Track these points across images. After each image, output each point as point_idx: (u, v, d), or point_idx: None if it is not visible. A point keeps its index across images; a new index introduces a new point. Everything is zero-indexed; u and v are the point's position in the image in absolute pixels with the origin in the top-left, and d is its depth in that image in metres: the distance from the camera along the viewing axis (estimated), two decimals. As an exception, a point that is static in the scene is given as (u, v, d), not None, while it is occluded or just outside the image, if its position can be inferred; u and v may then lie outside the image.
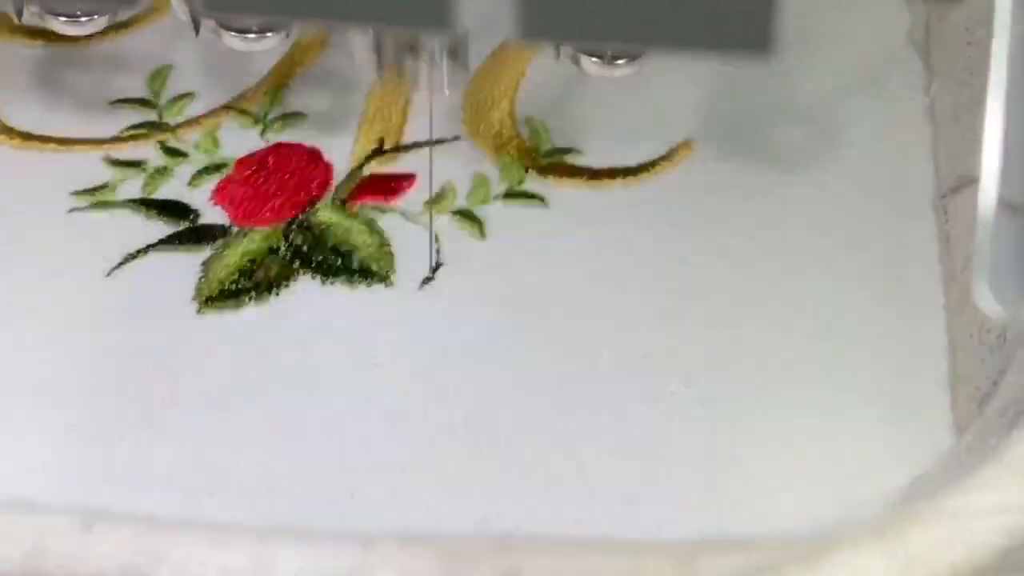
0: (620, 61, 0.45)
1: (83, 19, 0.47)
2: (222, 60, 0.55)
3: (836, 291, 0.47)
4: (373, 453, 0.43)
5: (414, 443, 0.43)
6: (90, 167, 0.51)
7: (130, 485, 0.42)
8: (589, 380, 0.45)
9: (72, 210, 0.49)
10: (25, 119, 0.53)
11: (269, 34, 0.46)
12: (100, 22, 0.47)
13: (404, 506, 0.42)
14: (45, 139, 0.52)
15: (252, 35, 0.45)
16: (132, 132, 0.52)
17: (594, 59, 0.45)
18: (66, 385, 0.44)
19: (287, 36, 0.46)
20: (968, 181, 0.46)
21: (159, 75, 0.54)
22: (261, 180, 0.50)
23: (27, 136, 0.52)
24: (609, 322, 0.46)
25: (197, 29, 0.46)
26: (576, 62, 0.45)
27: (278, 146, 0.52)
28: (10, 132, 0.52)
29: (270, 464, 0.42)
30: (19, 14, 0.48)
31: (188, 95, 0.54)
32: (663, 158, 0.51)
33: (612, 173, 0.51)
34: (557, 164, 0.51)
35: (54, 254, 0.48)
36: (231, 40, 0.46)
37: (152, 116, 0.53)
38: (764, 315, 0.46)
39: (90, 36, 0.56)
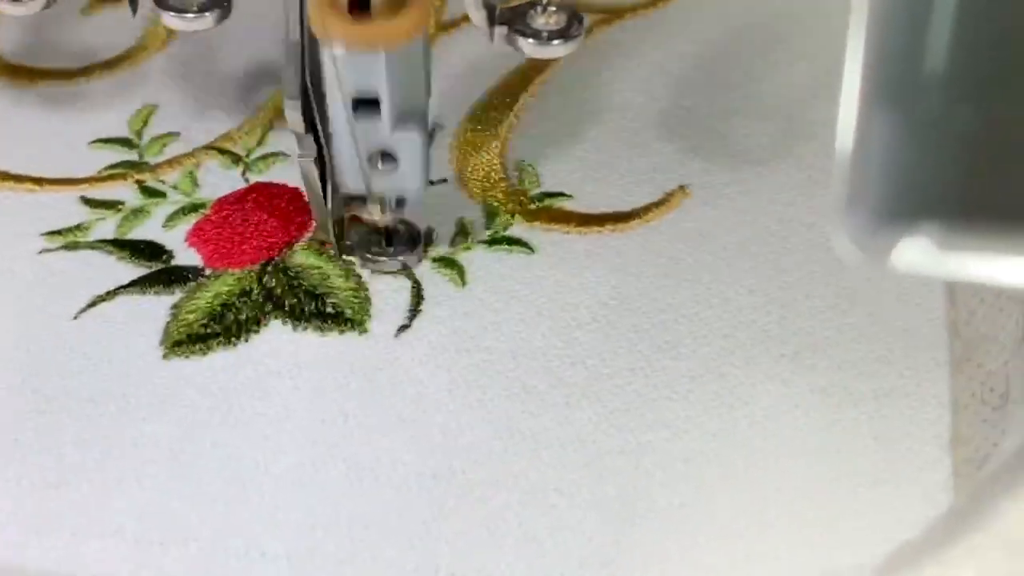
0: (556, 42, 0.43)
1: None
2: (209, 101, 0.54)
3: (834, 344, 0.45)
4: (337, 507, 0.41)
5: (380, 497, 0.41)
6: (65, 207, 0.50)
7: (81, 534, 0.40)
8: (568, 434, 0.42)
9: (42, 251, 0.48)
10: (2, 159, 0.51)
11: (207, 14, 0.44)
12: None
13: (367, 563, 0.39)
14: (20, 178, 0.51)
15: (190, 15, 0.44)
16: (110, 171, 0.51)
17: (530, 40, 0.43)
18: (23, 431, 0.42)
19: (222, 19, 0.44)
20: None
21: (141, 114, 0.53)
22: (238, 221, 0.49)
23: (2, 176, 0.51)
24: (591, 373, 0.44)
25: (135, 10, 0.45)
26: (512, 44, 0.43)
27: (258, 186, 0.50)
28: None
29: (228, 517, 0.40)
30: None
31: (171, 135, 0.52)
32: (656, 204, 0.49)
33: (602, 219, 0.49)
34: (546, 209, 0.49)
35: (22, 296, 0.46)
36: (170, 20, 0.44)
37: (132, 156, 0.51)
38: (756, 368, 0.44)
39: (76, 73, 0.55)
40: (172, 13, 0.44)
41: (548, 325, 0.45)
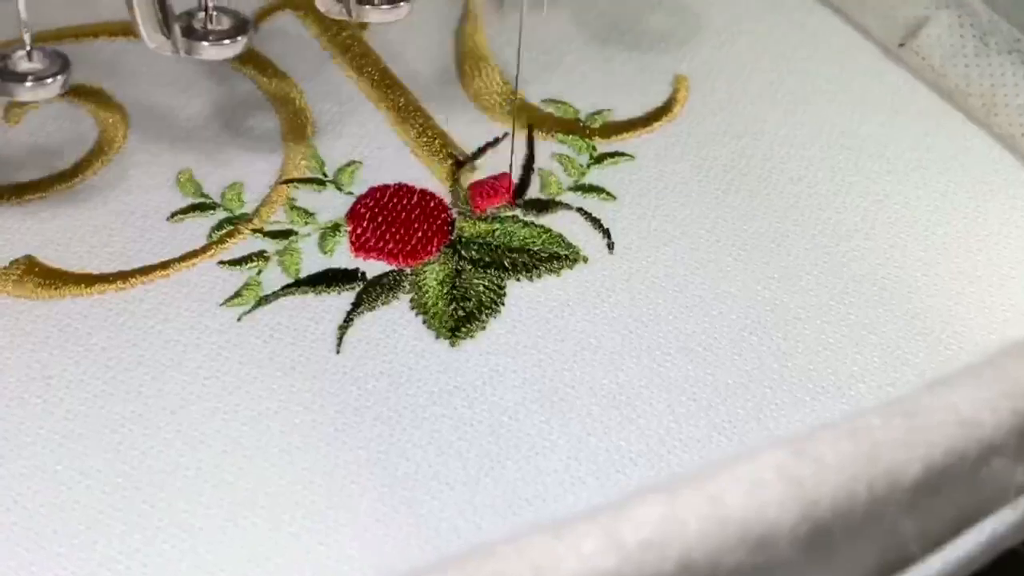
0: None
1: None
2: (226, 140, 0.53)
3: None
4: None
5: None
6: (213, 277, 0.47)
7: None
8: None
9: (241, 317, 0.46)
10: (97, 265, 0.48)
11: (48, 80, 0.45)
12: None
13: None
14: (144, 270, 0.47)
15: (29, 84, 0.45)
16: (221, 235, 0.49)
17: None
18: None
19: (61, 91, 0.45)
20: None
21: (186, 180, 0.51)
22: (387, 224, 0.49)
23: (125, 276, 0.47)
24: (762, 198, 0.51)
25: None
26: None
27: (371, 192, 0.51)
28: (105, 279, 0.47)
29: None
30: None
31: (237, 184, 0.51)
32: (677, 91, 0.57)
33: (656, 115, 0.55)
34: (607, 125, 0.55)
35: (279, 353, 0.45)
36: (22, 93, 0.45)
37: (221, 214, 0.50)
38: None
39: (72, 173, 0.51)
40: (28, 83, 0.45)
41: (706, 193, 0.51)
